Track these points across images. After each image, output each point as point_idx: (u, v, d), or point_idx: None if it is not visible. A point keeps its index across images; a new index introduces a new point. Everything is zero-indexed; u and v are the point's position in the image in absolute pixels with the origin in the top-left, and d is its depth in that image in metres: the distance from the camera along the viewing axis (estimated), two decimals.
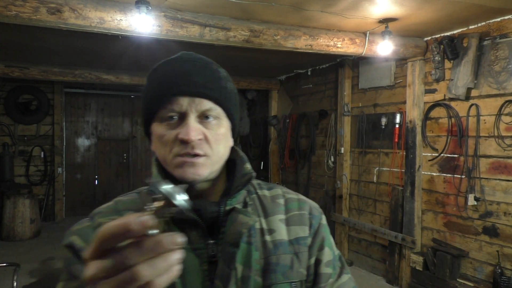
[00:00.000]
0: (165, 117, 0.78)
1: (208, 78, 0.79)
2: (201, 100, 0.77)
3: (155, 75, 0.82)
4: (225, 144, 0.82)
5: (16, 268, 2.82)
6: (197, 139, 0.76)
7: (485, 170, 3.71)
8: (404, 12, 3.47)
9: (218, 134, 0.79)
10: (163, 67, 0.82)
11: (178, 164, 0.76)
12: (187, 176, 0.76)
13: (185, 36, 3.43)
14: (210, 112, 0.78)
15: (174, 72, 0.79)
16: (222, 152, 0.81)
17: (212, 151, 0.78)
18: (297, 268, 0.81)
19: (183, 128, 0.76)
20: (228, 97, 0.81)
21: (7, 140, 7.15)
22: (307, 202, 0.90)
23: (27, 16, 2.86)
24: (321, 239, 0.86)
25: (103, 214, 0.81)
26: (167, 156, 0.78)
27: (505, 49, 3.53)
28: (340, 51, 4.06)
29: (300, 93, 6.64)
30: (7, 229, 6.26)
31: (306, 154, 6.37)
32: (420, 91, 4.35)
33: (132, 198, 0.85)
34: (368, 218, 5.17)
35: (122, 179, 8.47)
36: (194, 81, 0.77)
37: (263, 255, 0.80)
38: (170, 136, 0.77)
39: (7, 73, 5.74)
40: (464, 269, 3.91)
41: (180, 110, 0.77)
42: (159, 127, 0.79)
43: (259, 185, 0.92)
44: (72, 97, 7.97)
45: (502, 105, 3.55)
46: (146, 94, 0.82)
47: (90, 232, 0.77)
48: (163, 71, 0.81)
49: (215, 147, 0.79)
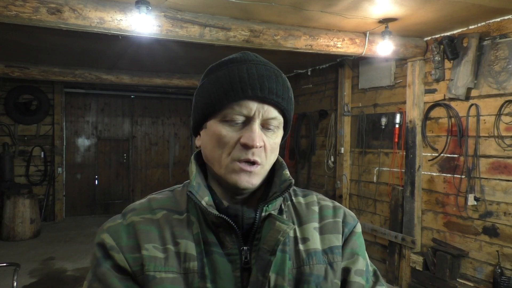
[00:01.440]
0: (229, 118, 0.76)
1: (280, 86, 0.77)
2: (270, 108, 0.76)
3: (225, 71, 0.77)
4: (276, 153, 0.82)
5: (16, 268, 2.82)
6: (260, 146, 0.75)
7: (485, 170, 3.71)
8: (404, 12, 3.47)
9: (275, 143, 0.79)
10: (234, 65, 0.78)
11: (235, 170, 0.75)
12: (242, 184, 0.75)
13: (185, 36, 3.43)
14: (273, 121, 0.77)
15: (248, 73, 0.76)
16: (272, 161, 0.81)
17: (266, 161, 0.78)
18: (331, 279, 0.79)
19: (247, 133, 0.74)
20: (291, 108, 0.81)
21: (7, 140, 7.15)
22: (341, 208, 0.88)
23: (27, 16, 2.86)
24: (352, 246, 0.84)
25: (136, 212, 0.80)
26: (222, 158, 0.76)
27: (505, 49, 3.54)
28: (340, 51, 4.06)
29: (300, 93, 6.65)
30: (7, 229, 6.26)
31: (306, 154, 6.37)
32: (420, 91, 4.36)
33: (166, 196, 0.84)
34: (368, 218, 5.17)
35: (122, 179, 8.47)
36: (268, 87, 0.75)
37: (296, 264, 0.78)
38: (232, 139, 0.75)
39: (7, 73, 5.75)
40: (464, 269, 3.92)
41: (248, 114, 0.75)
42: (220, 127, 0.77)
43: (294, 191, 0.90)
44: (72, 97, 7.97)
45: (502, 105, 3.56)
46: (211, 89, 0.78)
47: (121, 231, 0.76)
48: (234, 69, 0.77)
49: (269, 156, 0.78)
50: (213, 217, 0.75)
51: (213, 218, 0.76)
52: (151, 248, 0.74)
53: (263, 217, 0.77)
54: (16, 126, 7.26)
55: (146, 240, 0.75)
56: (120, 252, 0.74)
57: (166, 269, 0.72)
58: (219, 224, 0.76)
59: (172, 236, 0.76)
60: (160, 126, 8.81)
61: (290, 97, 0.80)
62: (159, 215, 0.79)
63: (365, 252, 0.86)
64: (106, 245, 0.75)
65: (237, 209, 0.76)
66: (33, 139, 7.41)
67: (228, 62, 0.79)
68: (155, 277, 0.71)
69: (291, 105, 0.81)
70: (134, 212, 0.80)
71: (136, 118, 8.59)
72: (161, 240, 0.75)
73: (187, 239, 0.76)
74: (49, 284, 4.58)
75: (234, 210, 0.76)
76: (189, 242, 0.75)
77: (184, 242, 0.75)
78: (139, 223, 0.77)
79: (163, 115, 8.82)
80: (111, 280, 0.72)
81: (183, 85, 7.05)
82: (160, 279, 0.71)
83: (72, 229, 6.97)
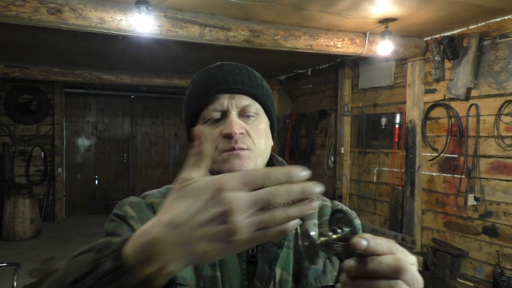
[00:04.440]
0: (208, 117, 0.81)
1: (245, 77, 0.83)
2: (240, 97, 0.81)
3: (196, 81, 0.87)
4: (265, 140, 0.84)
5: (16, 268, 2.82)
6: (239, 133, 0.78)
7: (485, 170, 3.71)
8: (404, 12, 3.47)
9: (258, 129, 0.83)
10: (202, 73, 0.87)
11: (225, 159, 0.79)
12: (235, 168, 0.78)
13: (185, 36, 3.43)
14: (249, 108, 0.82)
15: (213, 75, 0.83)
16: (264, 147, 0.84)
17: (254, 145, 0.81)
18: (330, 272, 0.81)
19: (226, 124, 0.79)
20: (265, 94, 0.86)
21: (7, 140, 7.14)
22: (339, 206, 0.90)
23: (27, 16, 2.86)
24: None
25: (154, 196, 0.83)
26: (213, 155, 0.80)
27: (505, 49, 3.54)
28: (340, 51, 4.06)
29: (300, 93, 6.64)
30: (7, 229, 6.26)
31: (306, 154, 6.37)
32: (420, 91, 4.35)
33: None
34: (368, 218, 5.17)
35: (122, 179, 8.47)
36: (232, 80, 0.82)
37: (296, 259, 0.80)
38: (214, 134, 0.80)
39: (7, 73, 5.75)
40: (464, 269, 3.91)
41: (222, 108, 0.81)
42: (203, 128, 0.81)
43: None
44: (72, 97, 7.97)
45: (502, 105, 3.55)
46: (188, 99, 0.87)
47: (143, 206, 0.79)
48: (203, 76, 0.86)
49: (256, 141, 0.81)
50: None
51: None
52: None
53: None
54: (16, 126, 7.26)
55: None
56: (140, 223, 0.76)
57: None
58: None
59: None
60: (160, 126, 8.80)
61: (259, 84, 0.85)
62: None
63: None
64: (127, 214, 0.77)
65: None
66: (33, 139, 7.40)
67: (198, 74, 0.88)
68: None
69: (263, 91, 0.85)
70: (153, 195, 0.83)
71: (136, 118, 8.58)
72: None
73: None
74: None
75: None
76: None
77: None
78: (158, 204, 0.80)
79: (163, 115, 8.82)
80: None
81: (183, 85, 7.04)
82: None
83: (72, 229, 6.97)
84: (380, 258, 0.47)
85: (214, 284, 0.73)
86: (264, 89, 0.86)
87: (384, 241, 0.48)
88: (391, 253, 0.48)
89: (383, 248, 0.47)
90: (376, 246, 0.47)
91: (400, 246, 0.50)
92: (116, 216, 0.78)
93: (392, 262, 0.47)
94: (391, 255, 0.48)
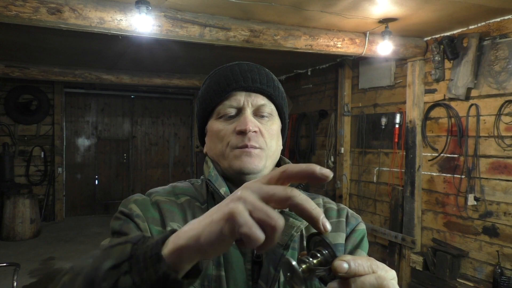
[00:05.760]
0: (223, 113, 0.82)
1: (263, 77, 0.84)
2: (257, 95, 0.82)
3: (213, 77, 0.86)
4: (277, 141, 0.85)
5: (16, 268, 2.82)
6: (253, 131, 0.79)
7: (485, 170, 3.71)
8: (404, 12, 3.47)
9: (271, 129, 0.83)
10: (220, 70, 0.86)
11: (236, 155, 0.79)
12: (245, 166, 0.78)
13: (185, 36, 3.43)
14: (264, 108, 0.82)
15: (231, 71, 0.84)
16: (275, 148, 0.84)
17: (266, 145, 0.81)
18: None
19: (240, 121, 0.79)
20: (280, 96, 0.86)
21: (7, 140, 7.15)
22: (345, 209, 0.90)
23: (27, 16, 2.86)
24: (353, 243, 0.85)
25: (161, 193, 0.83)
26: (224, 149, 0.81)
27: (505, 49, 3.53)
28: (340, 51, 4.06)
29: (300, 93, 6.64)
30: (7, 229, 6.26)
31: (306, 154, 6.37)
32: (420, 91, 4.35)
33: (187, 186, 0.87)
34: (368, 218, 5.17)
35: (122, 179, 8.47)
36: (250, 78, 0.82)
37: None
38: (228, 130, 0.80)
39: (7, 73, 5.74)
40: (464, 269, 3.91)
41: (238, 105, 0.81)
42: (216, 123, 0.82)
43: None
44: (72, 97, 7.97)
45: (502, 105, 3.56)
46: (204, 93, 0.86)
47: (148, 205, 0.79)
48: (220, 73, 0.85)
49: (268, 141, 0.81)
50: None
51: None
52: (176, 227, 0.76)
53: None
54: (16, 126, 7.26)
55: (170, 219, 0.77)
56: (146, 222, 0.76)
57: None
58: None
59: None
60: (160, 126, 8.81)
61: (276, 86, 0.85)
62: (182, 200, 0.82)
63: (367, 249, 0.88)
64: (133, 212, 0.77)
65: None
66: (33, 139, 7.40)
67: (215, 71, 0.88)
68: None
69: (279, 93, 0.86)
70: (158, 193, 0.83)
71: (136, 118, 8.59)
72: (184, 222, 0.78)
73: None
74: (49, 284, 4.57)
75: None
76: None
77: None
78: (164, 202, 0.80)
79: (163, 115, 8.82)
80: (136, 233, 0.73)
81: (183, 85, 7.04)
82: None
83: (72, 229, 6.97)
84: (362, 279, 0.49)
85: (219, 284, 0.73)
86: (280, 91, 0.86)
87: (364, 260, 0.50)
88: (373, 272, 0.50)
89: (364, 268, 0.49)
90: (357, 267, 0.49)
91: (380, 263, 0.52)
92: (122, 214, 0.78)
93: (374, 282, 0.49)
94: (373, 274, 0.49)
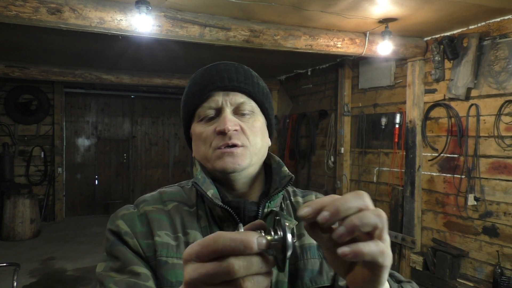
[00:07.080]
0: (203, 116, 0.81)
1: (240, 75, 0.83)
2: (235, 94, 0.81)
3: (193, 80, 0.86)
4: (262, 138, 0.83)
5: (16, 268, 2.82)
6: (234, 129, 0.78)
7: (485, 170, 3.71)
8: (404, 12, 3.47)
9: (254, 126, 0.82)
10: (199, 72, 0.86)
11: (218, 156, 0.79)
12: (228, 166, 0.78)
13: (185, 36, 3.43)
14: (244, 106, 0.81)
15: (208, 73, 0.83)
16: (260, 145, 0.83)
17: (249, 142, 0.80)
18: (327, 272, 0.80)
19: (220, 121, 0.79)
20: (261, 93, 0.84)
21: (7, 140, 7.14)
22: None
23: (27, 16, 2.86)
24: None
25: (148, 203, 0.82)
26: (207, 151, 0.81)
27: (505, 49, 3.53)
28: (340, 51, 4.06)
29: (300, 93, 6.64)
30: (7, 229, 6.26)
31: (306, 154, 6.37)
32: (420, 91, 4.35)
33: (176, 190, 0.87)
34: None
35: (122, 179, 8.47)
36: (227, 77, 0.81)
37: (292, 260, 0.79)
38: (209, 132, 0.80)
39: (7, 73, 5.74)
40: (464, 269, 3.91)
41: (216, 106, 0.80)
42: (198, 126, 0.83)
43: (294, 192, 0.93)
44: (72, 97, 7.97)
45: (502, 105, 3.55)
46: (185, 97, 0.87)
47: (135, 219, 0.79)
48: (199, 75, 0.85)
49: (252, 139, 0.80)
50: (218, 210, 0.78)
51: (219, 212, 0.78)
52: (164, 235, 0.77)
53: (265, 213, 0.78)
54: (16, 126, 7.26)
55: (158, 228, 0.77)
56: (134, 238, 0.76)
57: (178, 255, 0.75)
58: (224, 218, 0.78)
59: (182, 226, 0.79)
60: (160, 126, 8.81)
61: (255, 82, 0.84)
62: (169, 206, 0.82)
63: None
64: (121, 230, 0.77)
65: (238, 201, 0.78)
66: (33, 139, 7.40)
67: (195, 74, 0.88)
68: (167, 262, 0.74)
69: (259, 90, 0.84)
70: (146, 203, 0.83)
71: (136, 118, 8.59)
72: (172, 228, 0.78)
73: (196, 230, 0.79)
74: (49, 284, 4.58)
75: (236, 203, 0.78)
76: (198, 233, 0.78)
77: (193, 233, 0.78)
78: (151, 212, 0.80)
79: (163, 115, 8.82)
80: (128, 256, 0.74)
81: (183, 85, 7.03)
82: (172, 264, 0.74)
83: (72, 229, 6.97)
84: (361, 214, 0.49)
85: None
86: (261, 88, 0.85)
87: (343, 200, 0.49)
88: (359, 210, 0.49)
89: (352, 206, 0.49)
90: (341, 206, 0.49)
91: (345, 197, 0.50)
92: (110, 233, 0.78)
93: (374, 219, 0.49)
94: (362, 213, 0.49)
